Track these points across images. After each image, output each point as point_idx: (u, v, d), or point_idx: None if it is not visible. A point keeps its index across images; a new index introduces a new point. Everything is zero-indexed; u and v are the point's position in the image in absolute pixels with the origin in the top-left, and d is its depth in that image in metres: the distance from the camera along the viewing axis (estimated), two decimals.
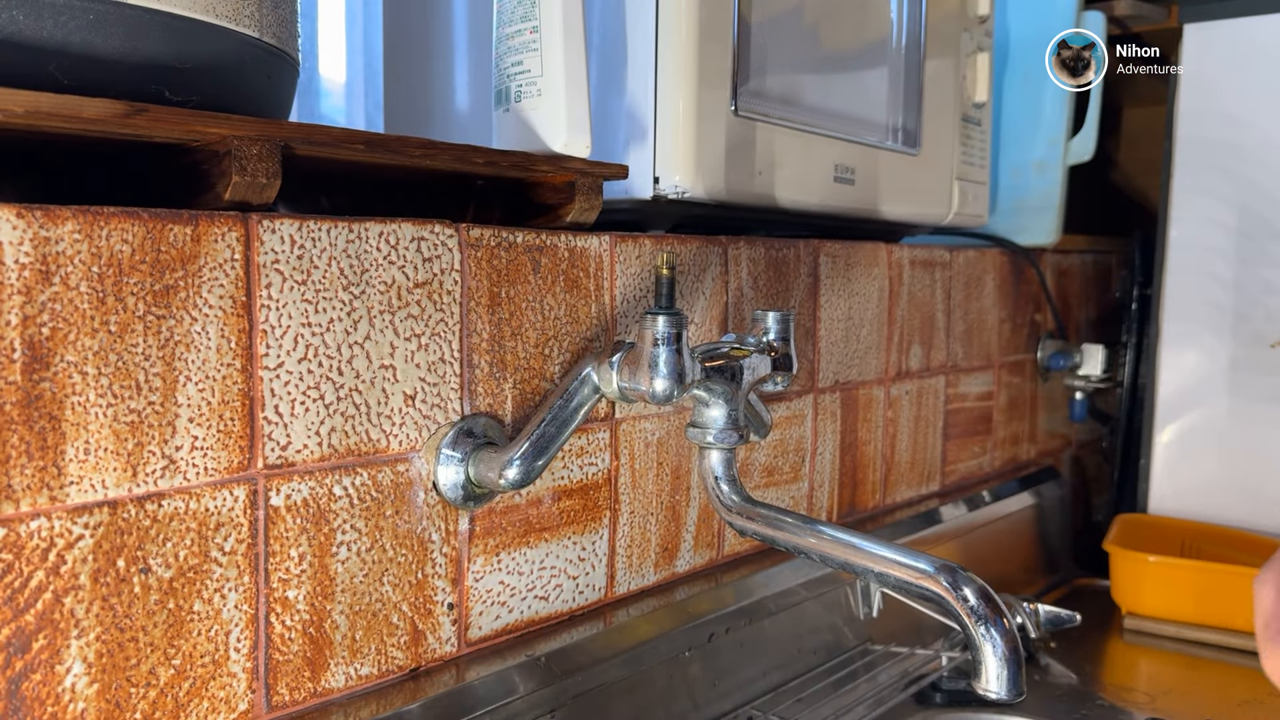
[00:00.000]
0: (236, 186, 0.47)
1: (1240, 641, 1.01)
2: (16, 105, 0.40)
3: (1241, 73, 1.15)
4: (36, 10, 0.42)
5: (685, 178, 0.69)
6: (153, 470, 0.47)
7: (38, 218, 0.43)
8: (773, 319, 0.65)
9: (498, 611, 0.63)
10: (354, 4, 0.93)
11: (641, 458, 0.72)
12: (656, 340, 0.56)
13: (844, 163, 0.82)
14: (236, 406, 0.50)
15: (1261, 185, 1.15)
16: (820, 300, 0.88)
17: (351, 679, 0.56)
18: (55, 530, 0.44)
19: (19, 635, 0.43)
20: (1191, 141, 1.18)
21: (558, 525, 0.67)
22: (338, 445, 0.54)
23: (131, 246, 0.45)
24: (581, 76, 0.62)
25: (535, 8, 0.61)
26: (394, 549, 0.57)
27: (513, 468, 0.57)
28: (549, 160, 0.61)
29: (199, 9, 0.46)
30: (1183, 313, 1.19)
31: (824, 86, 0.82)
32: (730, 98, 0.71)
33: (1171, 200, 1.19)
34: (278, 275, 0.51)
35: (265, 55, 0.51)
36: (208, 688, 0.50)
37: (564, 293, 0.65)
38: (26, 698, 0.44)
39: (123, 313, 0.45)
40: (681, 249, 0.73)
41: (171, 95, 0.46)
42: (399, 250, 0.56)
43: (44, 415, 0.43)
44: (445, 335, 0.59)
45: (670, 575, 0.76)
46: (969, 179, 1.01)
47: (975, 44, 1.00)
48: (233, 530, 0.50)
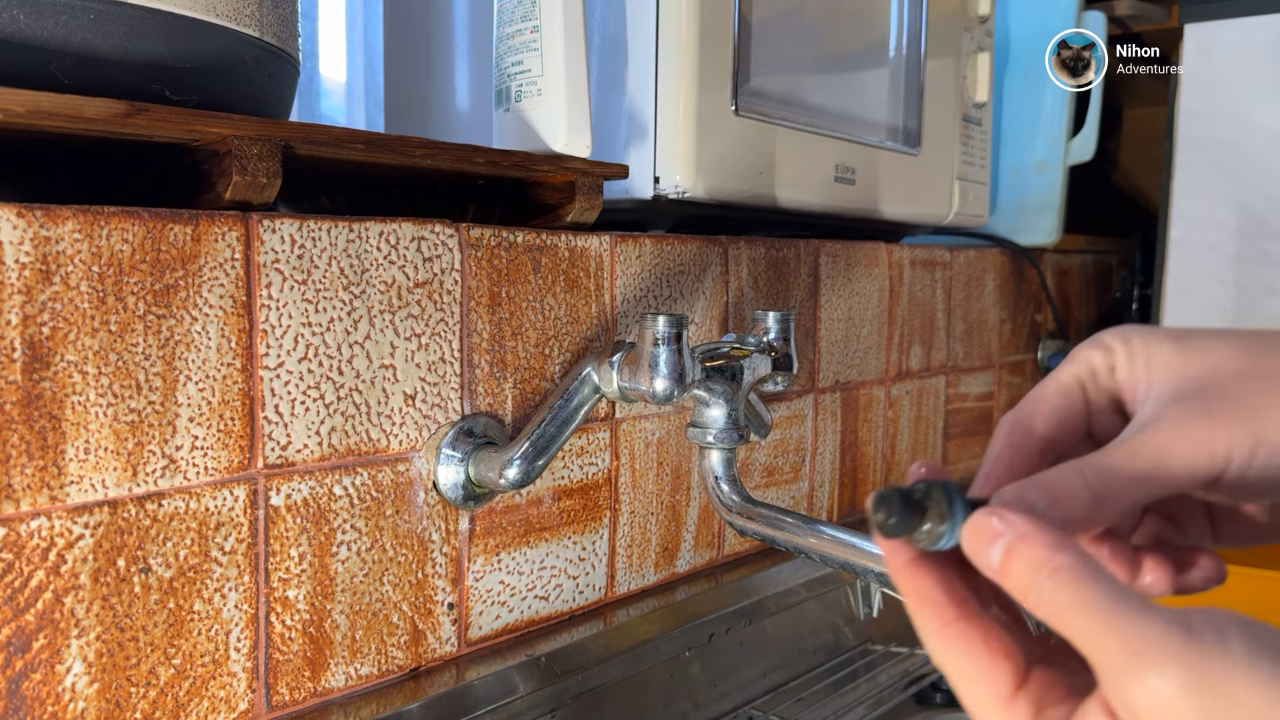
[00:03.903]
0: (237, 186, 0.47)
1: None
2: (18, 105, 0.40)
3: (1242, 73, 1.15)
4: (37, 10, 0.42)
5: (686, 178, 0.69)
6: (153, 470, 0.47)
7: (38, 217, 0.43)
8: (773, 319, 0.65)
9: (498, 611, 0.63)
10: (354, 3, 0.93)
11: (642, 457, 0.72)
12: (657, 340, 0.56)
13: (844, 163, 0.82)
14: (237, 406, 0.50)
15: (1262, 185, 1.15)
16: (821, 300, 0.88)
17: (351, 679, 0.56)
18: (55, 530, 0.44)
19: (19, 635, 0.43)
20: (1192, 142, 1.18)
21: (558, 525, 0.66)
22: (338, 445, 0.54)
23: (132, 246, 0.45)
24: (582, 76, 0.62)
25: (536, 7, 0.61)
26: (394, 549, 0.57)
27: (513, 467, 0.57)
28: (549, 160, 0.61)
29: (199, 8, 0.46)
30: (1183, 313, 1.19)
31: (824, 86, 0.82)
32: (731, 97, 0.71)
33: (1172, 200, 1.19)
34: (278, 275, 0.51)
35: (266, 55, 0.51)
36: (208, 687, 0.50)
37: (564, 292, 0.65)
38: (27, 697, 0.44)
39: (123, 312, 0.45)
40: (682, 249, 0.73)
41: (172, 95, 0.46)
42: (399, 250, 0.56)
43: (44, 415, 0.43)
44: (445, 335, 0.59)
45: (670, 575, 0.76)
46: (969, 179, 1.01)
47: (976, 44, 1.00)
48: (233, 530, 0.50)
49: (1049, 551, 0.27)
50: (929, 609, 0.30)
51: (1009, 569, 0.28)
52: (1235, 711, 0.24)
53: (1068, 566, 0.27)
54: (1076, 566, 0.27)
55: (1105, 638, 0.26)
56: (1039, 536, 0.28)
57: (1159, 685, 0.25)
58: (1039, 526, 0.28)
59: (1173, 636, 0.25)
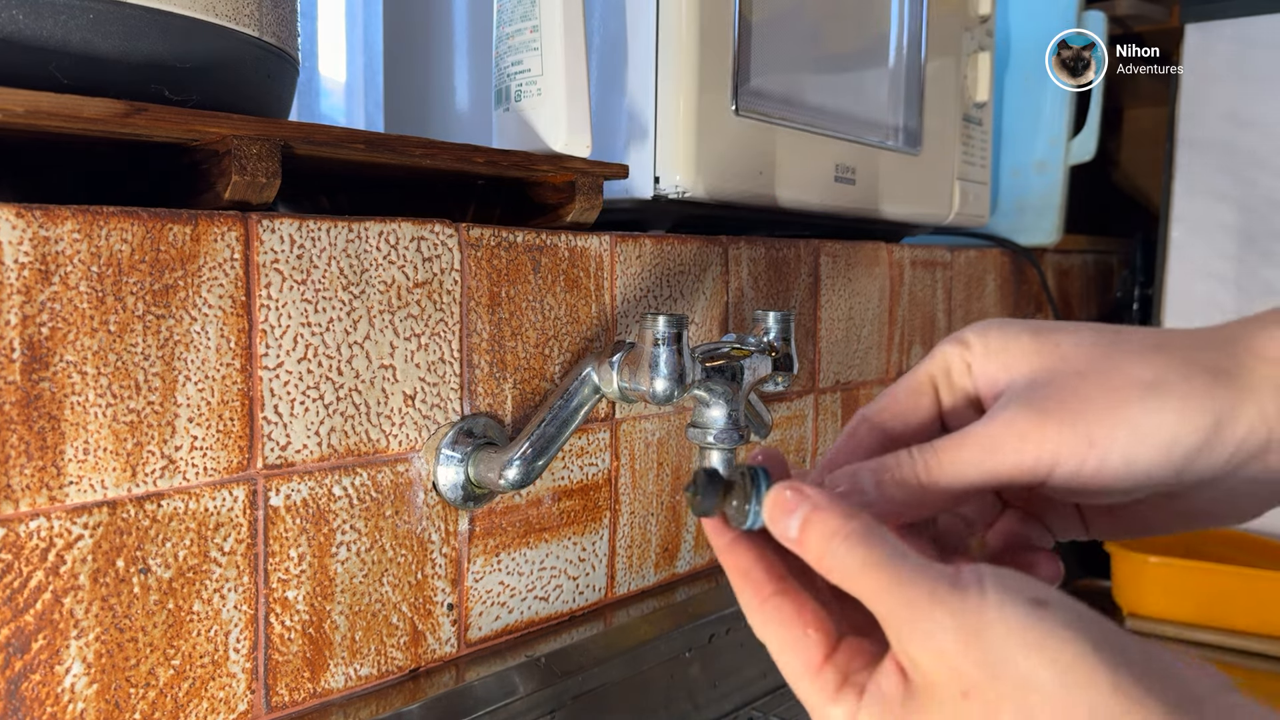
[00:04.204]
0: (236, 186, 0.47)
1: (1242, 642, 1.01)
2: (17, 105, 0.40)
3: (1243, 72, 1.15)
4: (37, 10, 0.42)
5: (686, 177, 0.68)
6: (152, 470, 0.47)
7: (37, 217, 0.43)
8: (773, 319, 0.65)
9: (497, 612, 0.63)
10: (354, 3, 0.93)
11: (642, 458, 0.72)
12: (657, 340, 0.56)
13: (845, 162, 0.82)
14: (236, 406, 0.50)
15: (1263, 186, 1.15)
16: (821, 300, 0.88)
17: (351, 679, 0.55)
18: (54, 530, 0.44)
19: (18, 635, 0.43)
20: (1193, 142, 1.18)
21: (558, 525, 0.66)
22: (337, 445, 0.54)
23: (131, 246, 0.45)
24: (582, 76, 0.62)
25: (535, 7, 0.61)
26: (394, 549, 0.57)
27: (513, 468, 0.57)
28: (549, 160, 0.61)
29: (199, 8, 0.46)
30: (1184, 313, 1.19)
31: (825, 86, 0.82)
32: (731, 97, 0.71)
33: (1173, 201, 1.19)
34: (277, 275, 0.51)
35: (265, 54, 0.51)
36: (207, 688, 0.50)
37: (564, 292, 0.65)
38: (26, 698, 0.44)
39: (122, 312, 0.45)
40: (682, 249, 0.73)
41: (171, 95, 0.46)
42: (399, 250, 0.56)
43: (43, 415, 0.43)
44: (445, 335, 0.59)
45: (670, 576, 0.76)
46: (970, 179, 1.01)
47: (976, 43, 1.00)
48: (232, 530, 0.50)
49: (841, 520, 0.29)
50: (749, 586, 0.32)
51: (805, 539, 0.30)
52: (992, 654, 0.26)
53: (858, 532, 0.29)
54: (866, 532, 0.29)
55: (890, 594, 0.28)
56: (833, 508, 0.29)
57: (935, 634, 0.27)
58: (832, 499, 0.30)
59: (942, 589, 0.27)
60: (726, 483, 0.32)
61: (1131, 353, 0.31)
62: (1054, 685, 0.25)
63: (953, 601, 0.27)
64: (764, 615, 0.31)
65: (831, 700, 0.29)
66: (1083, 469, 0.30)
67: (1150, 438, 0.30)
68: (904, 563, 0.28)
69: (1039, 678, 0.25)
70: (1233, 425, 0.30)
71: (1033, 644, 0.26)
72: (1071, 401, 0.31)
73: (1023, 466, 0.31)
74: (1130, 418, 0.30)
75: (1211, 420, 0.30)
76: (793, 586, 0.31)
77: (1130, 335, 0.32)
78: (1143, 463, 0.30)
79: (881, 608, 0.28)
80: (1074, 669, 0.25)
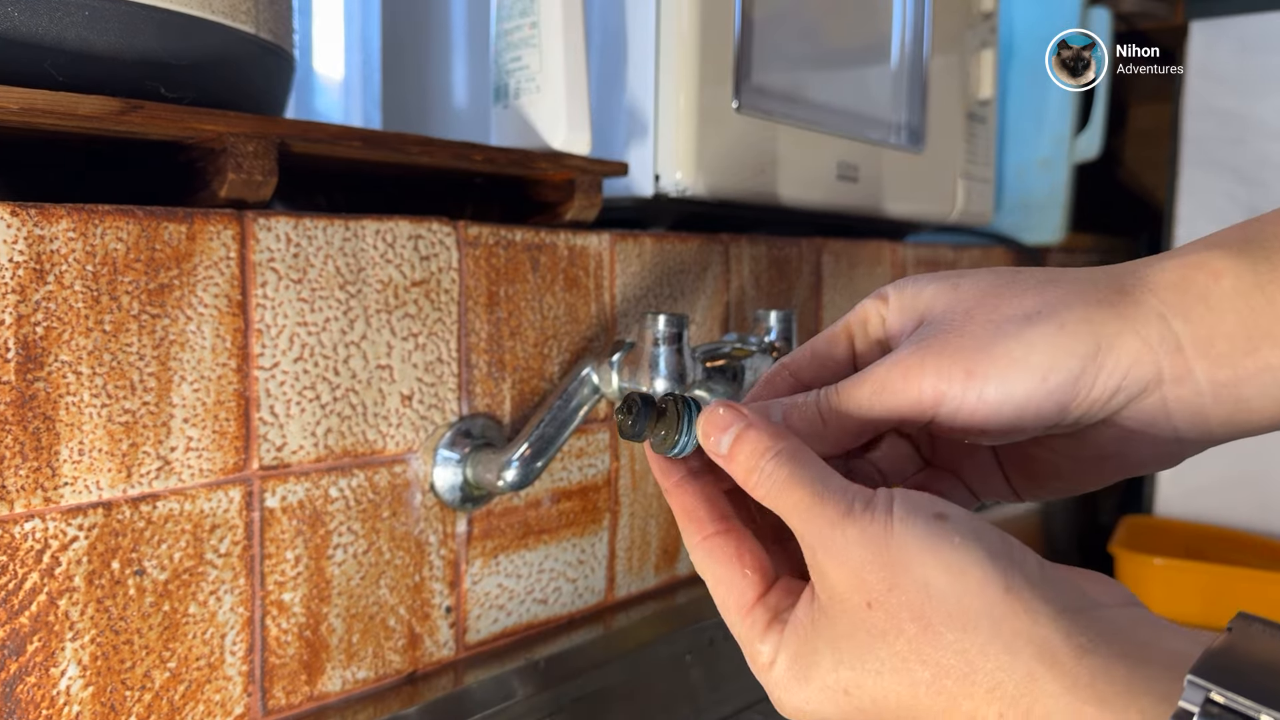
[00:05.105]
0: (232, 184, 0.47)
1: None
2: (12, 102, 0.39)
3: (1248, 70, 1.14)
4: (32, 7, 0.41)
5: (686, 175, 0.68)
6: (147, 471, 0.46)
7: (32, 216, 0.42)
8: (775, 318, 0.64)
9: (496, 615, 0.63)
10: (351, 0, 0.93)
11: (642, 459, 0.72)
12: (657, 340, 0.56)
13: (847, 160, 0.82)
14: (231, 407, 0.49)
15: (1268, 183, 1.14)
16: (823, 299, 0.88)
17: (348, 683, 0.55)
18: (49, 532, 0.44)
19: (13, 638, 0.43)
20: (1198, 139, 1.17)
21: (557, 527, 0.66)
22: (334, 446, 0.53)
23: (126, 245, 0.45)
24: (581, 72, 0.61)
25: (534, 2, 0.60)
26: (391, 551, 0.57)
27: (511, 469, 0.57)
28: (548, 157, 0.61)
29: (194, 5, 0.46)
30: None
31: (827, 83, 0.82)
32: (732, 94, 0.70)
33: (1178, 199, 1.19)
34: (273, 274, 0.50)
35: (261, 51, 0.50)
36: (203, 691, 0.49)
37: (563, 292, 0.65)
38: (21, 700, 0.43)
39: (117, 312, 0.45)
40: (682, 247, 0.73)
41: (167, 92, 0.46)
42: (396, 248, 0.55)
43: (38, 415, 0.43)
44: (443, 335, 0.58)
45: (671, 578, 0.76)
46: (973, 177, 1.00)
47: (980, 40, 0.99)
48: (228, 532, 0.49)
49: (771, 439, 0.30)
50: (693, 524, 0.33)
51: (736, 454, 0.31)
52: (894, 565, 0.27)
53: (787, 451, 0.30)
54: (795, 451, 0.30)
55: (809, 510, 0.29)
56: (765, 426, 0.31)
57: (844, 548, 0.28)
58: (765, 419, 0.31)
59: (857, 507, 0.28)
60: (659, 408, 0.33)
61: (1022, 286, 0.32)
62: (949, 589, 0.27)
63: (863, 519, 0.28)
64: (704, 550, 0.32)
65: (760, 637, 0.30)
66: (964, 401, 0.31)
67: (1023, 364, 0.30)
68: (827, 483, 0.29)
69: (936, 584, 0.27)
70: (1113, 353, 0.30)
71: (929, 552, 0.27)
72: (953, 337, 0.31)
73: (909, 400, 0.31)
74: (1008, 348, 0.31)
75: (1090, 347, 0.30)
76: (735, 526, 0.32)
77: (1028, 273, 0.33)
78: (1020, 392, 0.30)
79: (800, 524, 0.29)
80: (967, 574, 0.27)
